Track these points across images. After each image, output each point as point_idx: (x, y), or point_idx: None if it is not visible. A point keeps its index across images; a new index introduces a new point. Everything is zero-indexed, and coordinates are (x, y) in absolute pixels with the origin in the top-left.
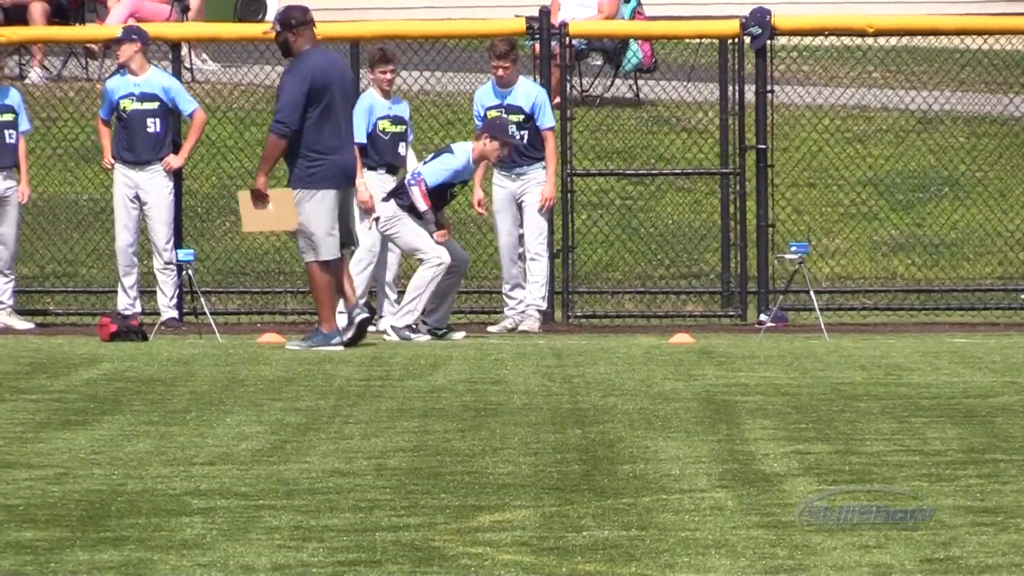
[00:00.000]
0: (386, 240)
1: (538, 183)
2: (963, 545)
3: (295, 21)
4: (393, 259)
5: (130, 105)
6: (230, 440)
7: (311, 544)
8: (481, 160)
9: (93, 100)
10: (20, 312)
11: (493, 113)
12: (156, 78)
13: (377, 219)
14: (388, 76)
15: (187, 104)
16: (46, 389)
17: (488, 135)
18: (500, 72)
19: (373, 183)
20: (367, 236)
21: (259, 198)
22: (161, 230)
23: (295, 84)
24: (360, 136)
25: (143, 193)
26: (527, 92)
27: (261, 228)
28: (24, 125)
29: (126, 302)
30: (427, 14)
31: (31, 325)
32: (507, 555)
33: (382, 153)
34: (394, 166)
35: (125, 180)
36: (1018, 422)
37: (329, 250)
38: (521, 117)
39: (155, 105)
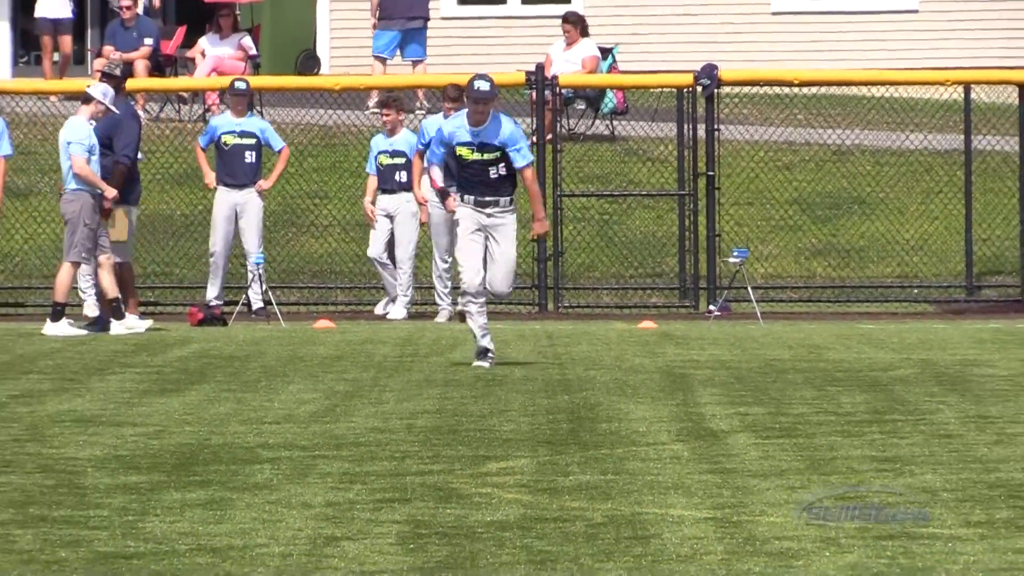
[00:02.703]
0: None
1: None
2: (868, 486)
3: (127, 76)
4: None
5: (232, 140)
6: (292, 404)
7: (356, 486)
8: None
9: (184, 137)
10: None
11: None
12: (255, 121)
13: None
14: (384, 119)
15: (277, 142)
16: (147, 364)
17: None
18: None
19: (383, 202)
20: (375, 246)
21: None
22: (254, 239)
23: (134, 128)
24: (369, 168)
25: (240, 208)
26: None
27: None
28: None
29: (214, 295)
30: (444, 69)
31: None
32: (510, 494)
33: (383, 182)
34: (392, 189)
35: (226, 199)
36: (912, 390)
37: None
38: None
39: (252, 141)
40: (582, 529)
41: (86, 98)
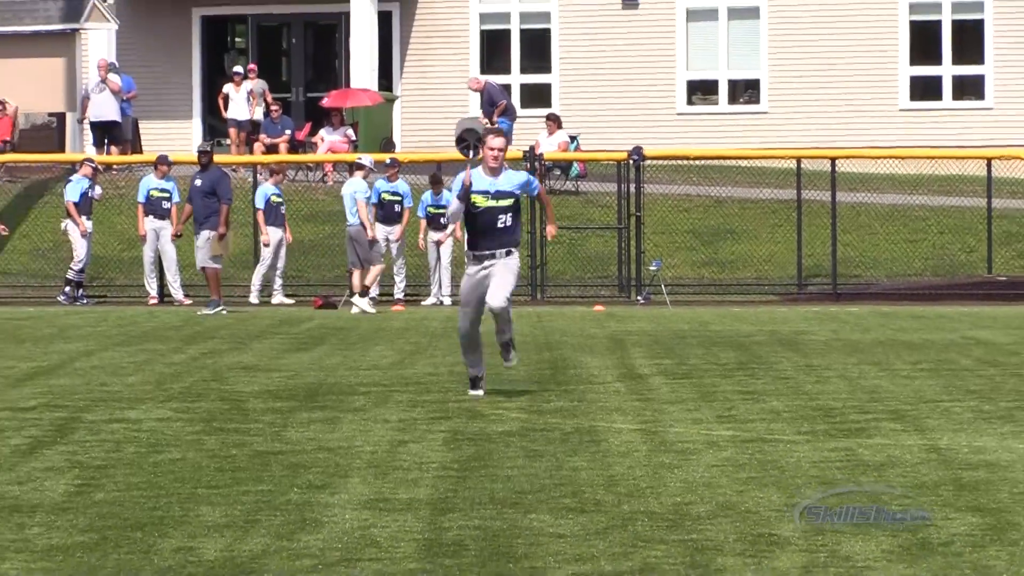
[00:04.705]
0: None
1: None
2: (738, 409)
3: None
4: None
5: (388, 197)
6: (377, 358)
7: (417, 409)
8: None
9: (312, 192)
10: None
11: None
12: (401, 184)
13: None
14: (434, 191)
15: (409, 199)
16: (287, 332)
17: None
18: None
19: (432, 235)
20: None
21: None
22: (399, 253)
23: (229, 182)
24: (420, 212)
25: (388, 236)
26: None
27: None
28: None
29: (372, 293)
30: None
31: (291, 301)
32: (514, 414)
33: (432, 223)
34: (438, 227)
35: (382, 234)
36: (765, 349)
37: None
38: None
39: (400, 198)
40: (559, 436)
41: (359, 165)
